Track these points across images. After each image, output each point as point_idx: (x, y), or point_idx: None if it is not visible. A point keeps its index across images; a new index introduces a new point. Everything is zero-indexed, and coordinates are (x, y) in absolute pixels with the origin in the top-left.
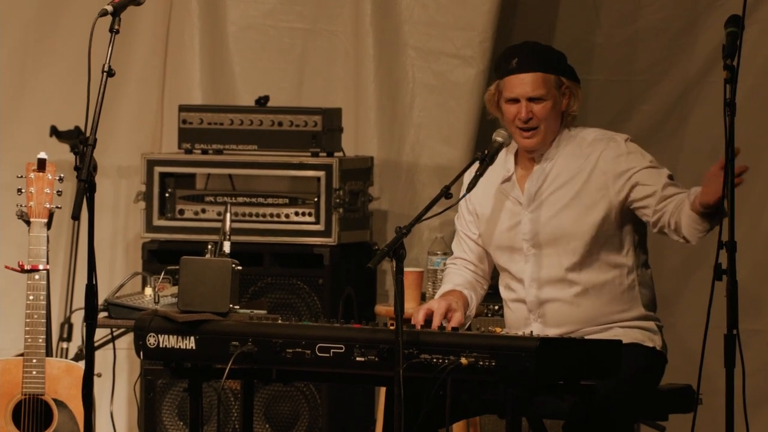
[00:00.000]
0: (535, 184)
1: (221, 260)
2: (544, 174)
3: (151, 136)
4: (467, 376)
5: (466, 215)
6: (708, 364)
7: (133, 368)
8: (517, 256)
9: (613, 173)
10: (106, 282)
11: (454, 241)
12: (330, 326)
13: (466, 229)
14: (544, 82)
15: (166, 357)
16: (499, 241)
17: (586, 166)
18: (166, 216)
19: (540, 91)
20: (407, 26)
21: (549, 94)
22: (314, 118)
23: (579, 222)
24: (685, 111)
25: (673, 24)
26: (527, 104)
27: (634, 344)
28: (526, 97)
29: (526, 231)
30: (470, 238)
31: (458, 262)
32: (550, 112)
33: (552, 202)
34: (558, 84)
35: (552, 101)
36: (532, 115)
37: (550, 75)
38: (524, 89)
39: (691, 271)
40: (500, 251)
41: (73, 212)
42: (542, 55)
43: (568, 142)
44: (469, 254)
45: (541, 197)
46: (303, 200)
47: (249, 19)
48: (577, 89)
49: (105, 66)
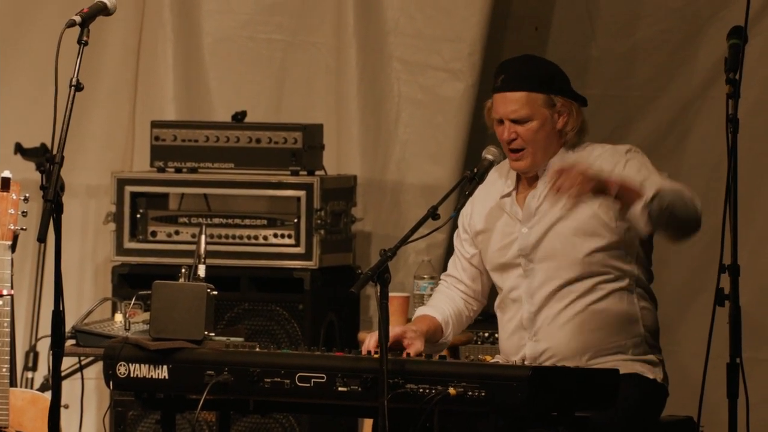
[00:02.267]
0: (538, 200)
1: (196, 285)
2: (547, 187)
3: (121, 153)
4: (456, 407)
5: (462, 233)
6: (710, 394)
7: (102, 399)
8: (513, 273)
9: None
10: (74, 308)
11: (451, 257)
12: (311, 354)
13: (462, 248)
14: (528, 102)
15: (137, 387)
16: (494, 258)
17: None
18: (138, 238)
19: (523, 111)
20: (392, 37)
21: (536, 115)
22: (294, 134)
23: (574, 240)
24: (685, 128)
25: (673, 36)
26: (510, 125)
27: (634, 375)
28: (508, 118)
29: (522, 246)
30: (464, 257)
31: (449, 281)
32: (536, 134)
33: (551, 217)
34: (548, 103)
35: (540, 122)
36: (516, 136)
37: (538, 94)
38: (506, 109)
39: (692, 296)
40: (495, 269)
41: (39, 234)
42: (530, 72)
43: (574, 156)
44: (461, 273)
45: (540, 213)
46: (282, 221)
47: (225, 30)
48: (574, 107)
49: (73, 79)
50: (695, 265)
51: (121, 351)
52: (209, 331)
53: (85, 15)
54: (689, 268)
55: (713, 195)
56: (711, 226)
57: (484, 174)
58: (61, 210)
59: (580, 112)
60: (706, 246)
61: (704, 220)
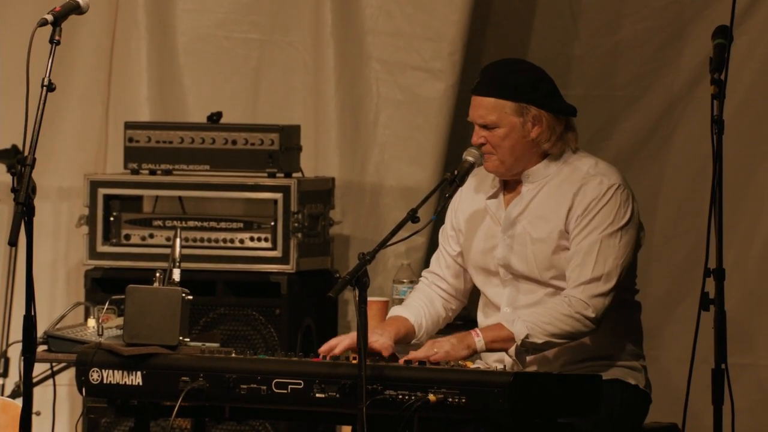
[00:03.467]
0: (518, 209)
1: (170, 289)
2: (529, 199)
3: (94, 155)
4: (436, 413)
5: (449, 229)
6: (694, 401)
7: (74, 406)
8: (494, 280)
9: (575, 217)
10: (46, 313)
11: (435, 253)
12: (288, 360)
13: (447, 244)
14: (495, 109)
15: (110, 394)
16: (476, 261)
17: (565, 204)
18: (111, 241)
19: (490, 117)
20: (371, 37)
21: (503, 122)
22: (271, 135)
23: (551, 258)
24: (669, 128)
25: (657, 35)
26: (479, 129)
27: (616, 381)
28: (477, 122)
29: (501, 257)
30: (449, 254)
31: (430, 278)
32: (502, 141)
33: (528, 231)
34: (518, 111)
35: (507, 129)
36: (485, 141)
37: (507, 102)
38: (476, 113)
39: (676, 300)
40: (477, 271)
41: (9, 238)
42: (505, 79)
43: (561, 168)
44: (444, 270)
45: (519, 224)
46: (259, 224)
47: (200, 29)
48: (546, 117)
49: (45, 80)
50: (679, 269)
51: (94, 357)
52: (184, 336)
53: (58, 14)
54: (673, 271)
55: (698, 197)
56: (696, 229)
57: (464, 176)
58: (33, 213)
59: (557, 122)
60: (690, 249)
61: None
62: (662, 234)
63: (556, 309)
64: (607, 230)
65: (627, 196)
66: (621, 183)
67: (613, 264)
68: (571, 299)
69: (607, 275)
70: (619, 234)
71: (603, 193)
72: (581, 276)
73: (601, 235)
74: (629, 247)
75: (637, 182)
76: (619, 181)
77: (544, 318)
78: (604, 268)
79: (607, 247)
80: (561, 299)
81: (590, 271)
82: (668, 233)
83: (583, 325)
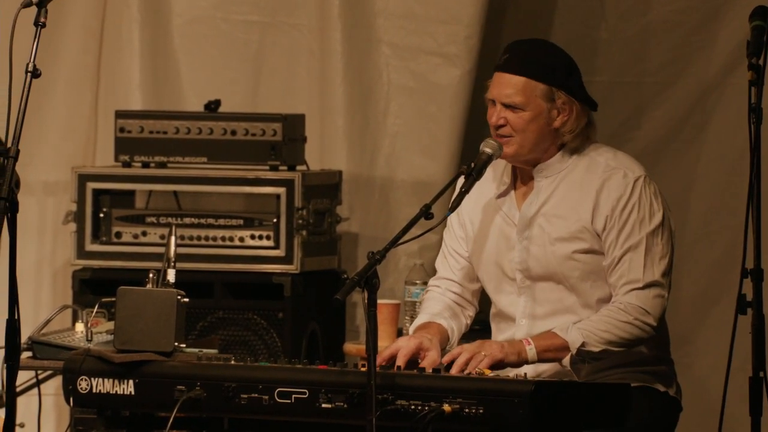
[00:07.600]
0: (534, 207)
1: (165, 291)
2: (546, 196)
3: (82, 146)
4: (451, 425)
5: (457, 230)
6: (730, 411)
7: (61, 417)
8: (508, 287)
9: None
10: (31, 317)
11: (439, 257)
12: (291, 368)
13: (456, 245)
14: (525, 89)
15: (100, 404)
16: (487, 267)
17: (588, 201)
18: (101, 240)
19: (518, 98)
20: (381, 19)
21: (530, 105)
22: (273, 125)
23: (574, 258)
24: (703, 118)
25: (690, 17)
26: (501, 109)
27: (644, 388)
28: (501, 101)
29: (519, 261)
30: (459, 254)
31: (442, 284)
32: (527, 125)
33: (547, 231)
34: (548, 96)
35: (533, 113)
36: (505, 122)
37: (539, 83)
38: (501, 92)
39: (710, 303)
40: (489, 278)
41: None
42: (537, 58)
43: (577, 161)
44: (455, 273)
45: (537, 224)
46: (260, 221)
47: (197, 10)
48: (577, 107)
49: (29, 65)
50: (714, 269)
51: (83, 364)
52: (180, 342)
53: None
54: (707, 272)
55: (734, 192)
56: (732, 227)
57: (482, 169)
58: (17, 209)
59: (583, 115)
60: (726, 248)
61: (725, 218)
62: (695, 231)
63: (612, 316)
64: (647, 228)
65: (654, 188)
66: (645, 174)
67: (662, 264)
68: (627, 306)
69: (660, 278)
70: (660, 230)
71: (631, 189)
72: (632, 281)
73: (643, 235)
74: (672, 241)
75: (668, 176)
76: (643, 172)
77: (600, 326)
78: (655, 270)
79: (652, 246)
80: (615, 307)
81: (641, 275)
82: (702, 231)
83: (644, 331)
